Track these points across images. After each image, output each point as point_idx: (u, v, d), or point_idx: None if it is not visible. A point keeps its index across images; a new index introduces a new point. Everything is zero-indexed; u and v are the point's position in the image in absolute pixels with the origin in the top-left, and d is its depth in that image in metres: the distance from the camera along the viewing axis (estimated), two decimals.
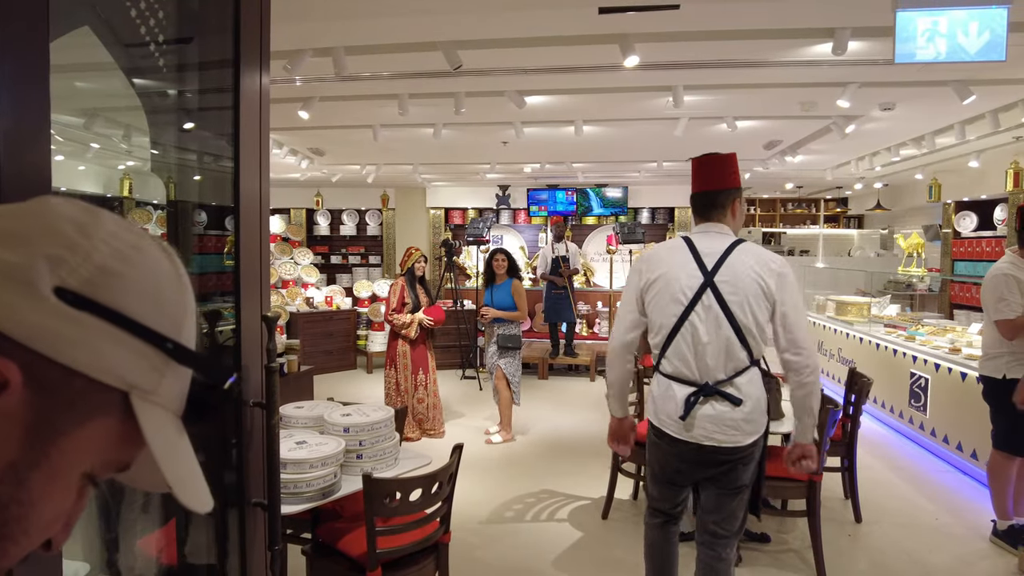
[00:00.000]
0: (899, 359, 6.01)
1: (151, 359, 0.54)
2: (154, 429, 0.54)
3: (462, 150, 7.68)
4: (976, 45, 2.71)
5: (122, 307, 0.52)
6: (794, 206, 13.38)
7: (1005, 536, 3.80)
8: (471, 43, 3.77)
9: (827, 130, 6.12)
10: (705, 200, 2.54)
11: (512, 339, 5.63)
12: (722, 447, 2.37)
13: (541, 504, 4.41)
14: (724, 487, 2.47)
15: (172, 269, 0.57)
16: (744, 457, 2.41)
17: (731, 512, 2.50)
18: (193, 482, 0.56)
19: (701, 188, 2.55)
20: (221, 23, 1.54)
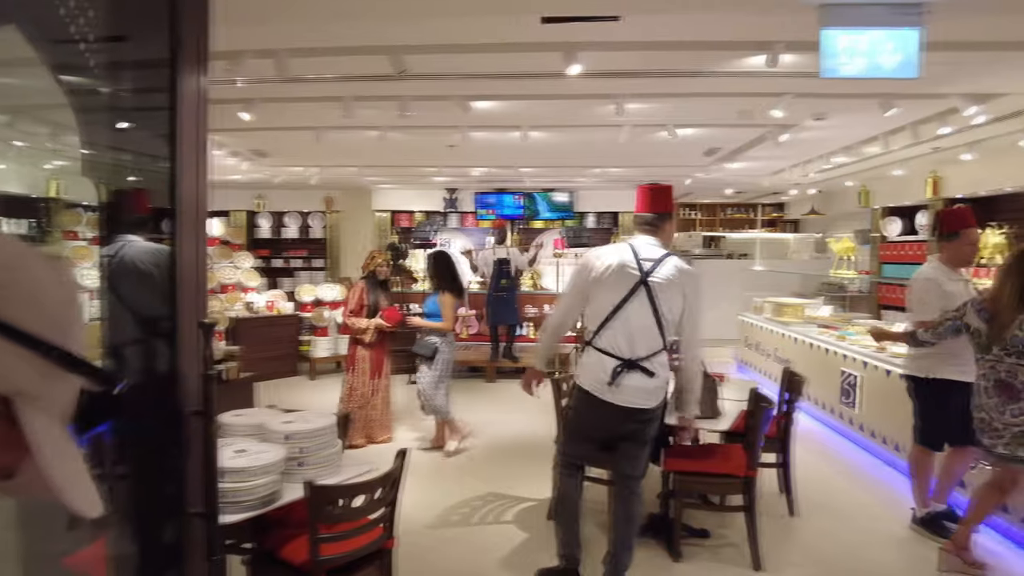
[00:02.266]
0: (831, 358, 6.29)
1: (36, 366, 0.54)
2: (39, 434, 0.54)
3: (409, 153, 7.65)
4: (892, 63, 2.89)
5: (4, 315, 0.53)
6: (733, 211, 13.82)
7: (924, 524, 4.03)
8: (417, 48, 3.77)
9: (763, 138, 6.36)
10: (646, 219, 3.24)
11: (424, 347, 5.40)
12: (640, 408, 3.07)
13: (487, 507, 4.43)
14: (638, 440, 3.16)
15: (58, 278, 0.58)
16: (653, 417, 3.15)
17: (641, 459, 3.23)
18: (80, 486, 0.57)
19: (644, 210, 3.26)
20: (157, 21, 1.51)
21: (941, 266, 4.07)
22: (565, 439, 3.46)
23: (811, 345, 6.79)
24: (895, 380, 4.85)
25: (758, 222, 12.35)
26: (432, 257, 5.75)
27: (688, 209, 13.88)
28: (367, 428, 5.65)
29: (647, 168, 8.68)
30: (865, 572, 3.59)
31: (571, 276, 3.37)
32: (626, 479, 3.24)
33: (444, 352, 5.41)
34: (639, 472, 3.26)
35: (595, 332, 3.11)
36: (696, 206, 13.80)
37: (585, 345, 3.19)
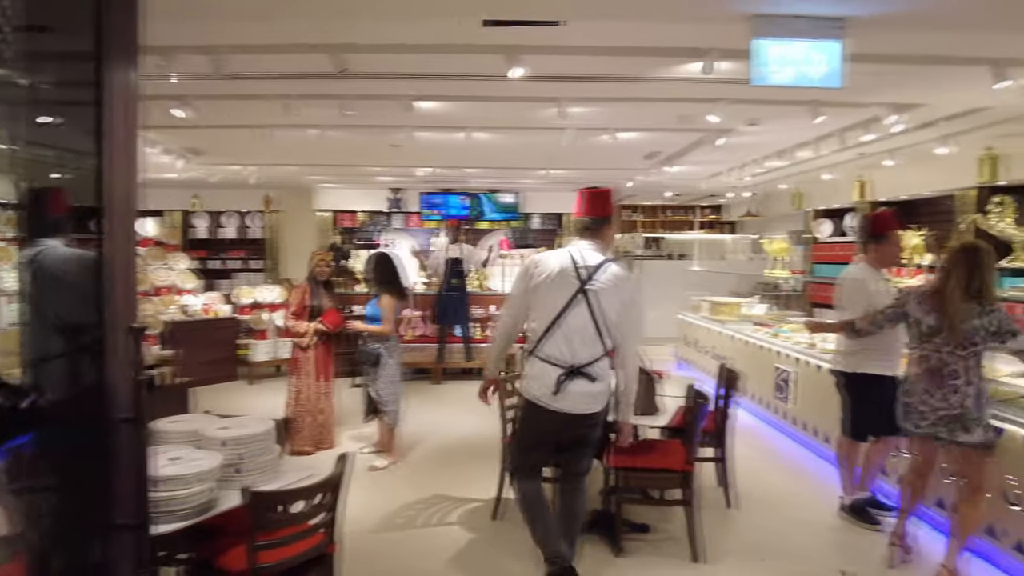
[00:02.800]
0: (766, 354, 6.53)
1: None
2: None
3: (352, 152, 7.55)
4: (818, 73, 3.05)
5: None
6: (673, 213, 14.17)
7: (851, 511, 4.23)
8: (358, 47, 3.73)
9: (701, 142, 6.55)
10: (586, 224, 3.25)
11: (367, 354, 5.24)
12: (586, 413, 3.12)
13: (432, 509, 4.42)
14: (585, 443, 3.25)
15: None
16: (599, 420, 3.24)
17: (588, 457, 3.34)
18: None
19: (583, 214, 3.26)
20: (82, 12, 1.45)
21: (867, 267, 4.28)
22: (516, 451, 3.46)
23: (747, 342, 7.03)
24: (826, 375, 5.07)
25: (697, 223, 12.70)
26: (371, 259, 5.63)
27: (630, 211, 14.15)
28: (315, 433, 5.53)
29: (590, 171, 8.82)
30: (797, 559, 3.74)
31: (514, 282, 3.34)
32: (572, 476, 3.33)
33: (389, 357, 5.28)
34: (584, 469, 3.35)
35: (537, 341, 3.11)
36: (638, 208, 14.08)
37: (528, 355, 3.19)
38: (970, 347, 3.26)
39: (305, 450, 5.42)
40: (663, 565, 3.64)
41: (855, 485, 4.29)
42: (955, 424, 3.29)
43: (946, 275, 3.35)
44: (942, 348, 3.34)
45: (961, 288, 3.25)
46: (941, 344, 3.35)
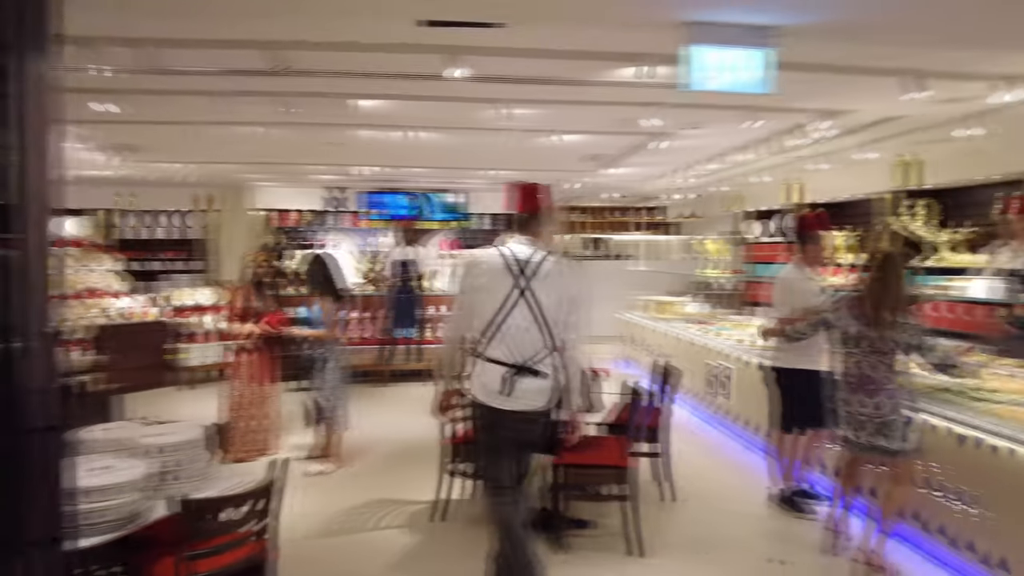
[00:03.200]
0: (704, 351, 6.71)
1: None
2: None
3: (291, 150, 7.39)
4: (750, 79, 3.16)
5: None
6: (618, 214, 14.40)
7: (783, 501, 4.40)
8: (296, 44, 3.66)
9: (643, 145, 6.69)
10: (523, 218, 3.18)
11: (309, 359, 5.16)
12: (536, 410, 3.04)
13: (375, 513, 4.37)
14: (533, 444, 3.17)
15: None
16: (549, 416, 3.15)
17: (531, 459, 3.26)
18: None
19: (520, 209, 3.20)
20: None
21: (800, 267, 4.46)
22: (485, 464, 3.25)
23: (687, 340, 7.21)
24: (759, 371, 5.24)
25: (640, 224, 12.94)
26: (309, 260, 5.52)
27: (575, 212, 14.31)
28: (257, 439, 5.38)
29: (535, 172, 8.86)
30: (732, 549, 3.86)
31: (457, 290, 3.23)
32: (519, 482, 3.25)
33: (332, 361, 5.16)
34: (527, 470, 3.29)
35: (482, 342, 3.03)
36: (583, 209, 14.25)
37: (474, 357, 3.09)
38: (891, 355, 3.41)
39: (246, 456, 5.27)
40: (604, 560, 3.70)
41: (789, 476, 4.46)
42: (876, 429, 3.43)
43: (870, 284, 3.47)
44: (868, 354, 3.46)
45: (884, 298, 3.38)
46: (867, 350, 3.47)
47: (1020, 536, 3.14)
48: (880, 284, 3.42)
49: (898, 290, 3.39)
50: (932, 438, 3.63)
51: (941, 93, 4.45)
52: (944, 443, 3.57)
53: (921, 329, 3.40)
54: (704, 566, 3.65)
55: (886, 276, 3.42)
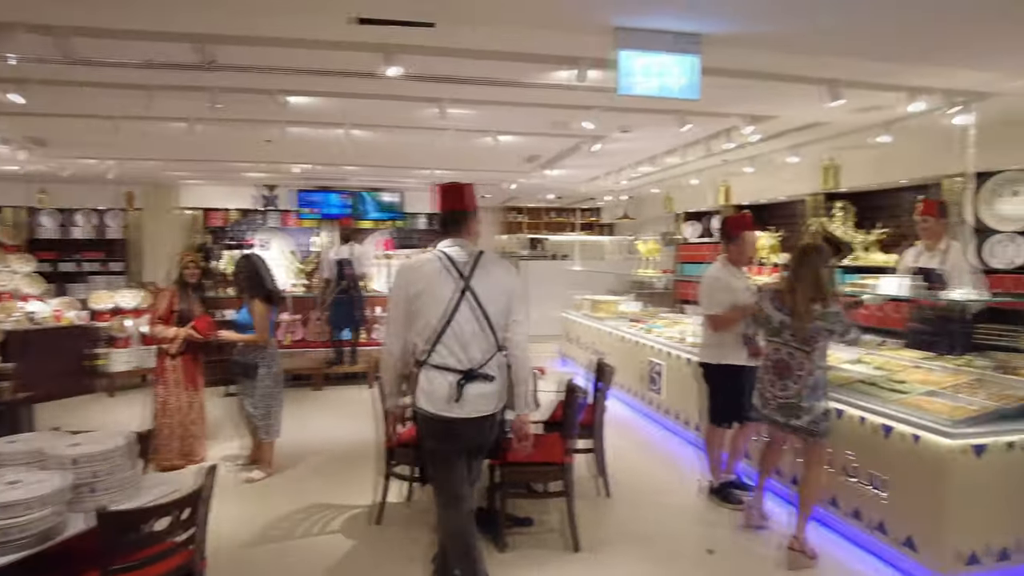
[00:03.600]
0: (640, 349, 6.87)
1: None
2: None
3: (221, 147, 7.15)
4: (678, 85, 3.26)
5: None
6: (555, 214, 14.58)
7: (717, 493, 4.56)
8: (225, 38, 3.54)
9: (578, 148, 6.79)
10: (451, 219, 3.08)
11: (241, 365, 4.90)
12: (486, 415, 2.98)
13: (312, 518, 4.29)
14: (484, 449, 3.13)
15: None
16: (497, 420, 3.09)
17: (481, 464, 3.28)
18: None
19: (448, 208, 3.10)
20: None
21: (727, 265, 4.62)
22: (435, 477, 3.10)
23: (622, 338, 7.37)
24: (692, 367, 5.42)
25: (577, 225, 13.14)
26: (238, 261, 5.27)
27: (514, 212, 14.40)
28: (184, 446, 5.18)
29: (474, 171, 8.88)
30: (670, 540, 3.97)
31: (391, 301, 3.03)
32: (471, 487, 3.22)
33: (265, 367, 4.96)
34: (477, 476, 3.30)
35: (427, 351, 2.91)
36: (522, 209, 14.36)
37: (419, 366, 2.95)
38: (813, 343, 3.60)
39: (174, 464, 5.07)
40: (545, 557, 3.75)
41: (720, 469, 4.62)
42: (789, 410, 3.66)
43: (792, 276, 3.67)
44: (789, 343, 3.68)
45: (805, 289, 3.57)
46: (788, 339, 3.68)
47: (922, 516, 3.37)
48: (799, 276, 3.60)
49: (816, 281, 3.56)
50: (848, 427, 3.85)
51: (857, 102, 4.72)
52: (858, 431, 3.79)
53: (839, 318, 3.57)
54: (639, 559, 3.75)
55: (804, 268, 3.59)
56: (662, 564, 3.69)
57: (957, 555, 3.25)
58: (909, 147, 6.11)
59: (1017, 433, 3.34)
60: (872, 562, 3.65)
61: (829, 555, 3.73)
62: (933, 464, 3.32)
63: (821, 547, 3.76)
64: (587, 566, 3.66)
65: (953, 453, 3.24)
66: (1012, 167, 5.32)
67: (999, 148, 5.24)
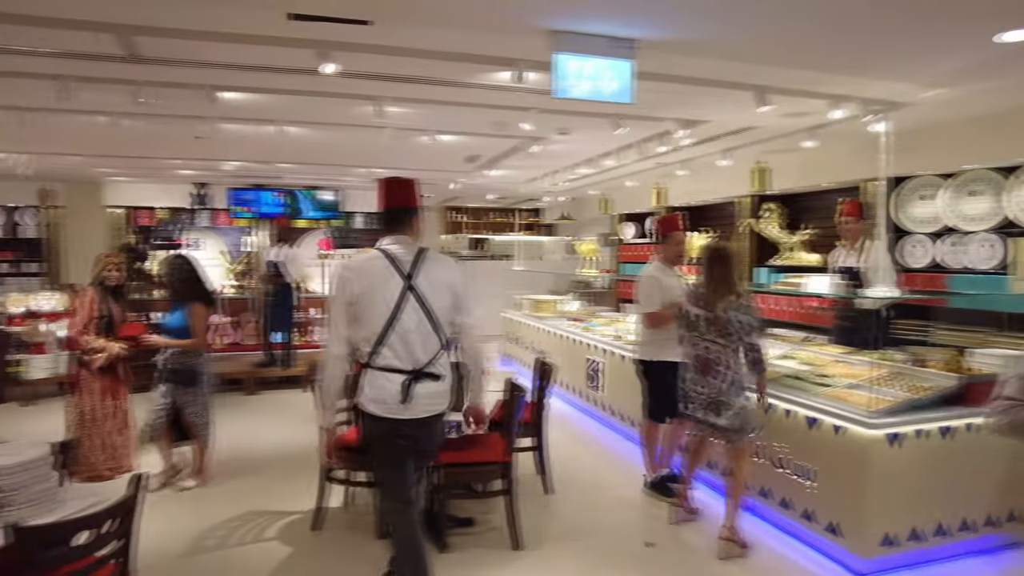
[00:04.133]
0: (580, 347, 6.97)
1: None
2: None
3: (148, 143, 6.84)
4: (612, 88, 3.33)
5: None
6: (496, 215, 14.62)
7: (655, 487, 4.68)
8: (151, 30, 3.40)
9: (517, 149, 6.83)
10: (393, 216, 3.00)
11: (183, 374, 4.68)
12: (435, 415, 2.97)
13: (247, 526, 4.17)
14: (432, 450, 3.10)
15: None
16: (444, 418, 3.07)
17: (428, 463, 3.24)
18: None
19: (390, 205, 3.01)
20: None
21: (660, 265, 4.74)
22: (382, 480, 3.08)
23: (563, 337, 7.46)
24: (630, 364, 5.54)
25: (518, 225, 13.21)
26: (170, 262, 4.99)
27: (455, 212, 14.36)
28: (109, 457, 4.91)
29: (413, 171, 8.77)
30: (610, 535, 4.05)
31: (331, 302, 2.93)
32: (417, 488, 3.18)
33: (205, 373, 4.81)
34: (424, 472, 3.25)
35: (372, 352, 2.85)
36: (463, 209, 14.34)
37: (364, 368, 2.90)
38: (728, 336, 3.77)
39: (101, 475, 4.81)
40: (487, 556, 3.76)
41: (657, 463, 4.74)
42: (711, 407, 3.83)
43: (706, 274, 3.88)
44: (707, 337, 3.84)
45: (709, 283, 3.81)
46: (707, 333, 3.85)
47: (845, 502, 3.55)
48: (711, 273, 3.83)
49: (726, 277, 3.78)
50: (777, 420, 4.02)
51: (785, 108, 4.92)
52: (786, 424, 3.96)
53: (752, 312, 3.76)
54: (581, 554, 3.80)
55: (714, 266, 3.83)
56: (602, 558, 3.76)
57: (876, 538, 3.44)
58: (833, 152, 6.42)
59: (928, 422, 3.56)
60: (802, 549, 3.82)
61: (761, 544, 3.88)
62: (854, 453, 3.50)
63: (754, 536, 3.91)
64: (528, 564, 3.69)
65: (871, 442, 3.42)
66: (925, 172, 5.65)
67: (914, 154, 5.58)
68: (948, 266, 5.53)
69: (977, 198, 5.26)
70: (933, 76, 4.08)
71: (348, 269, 2.92)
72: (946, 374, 3.87)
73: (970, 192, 5.31)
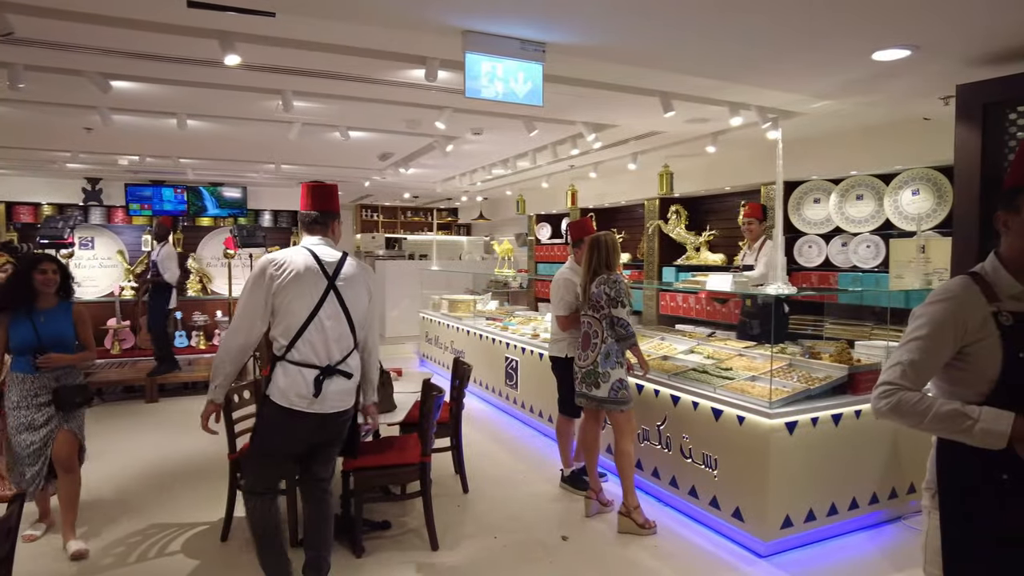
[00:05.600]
0: (497, 346, 7.01)
1: None
2: None
3: (31, 134, 6.33)
4: (523, 90, 3.37)
5: None
6: (412, 214, 14.47)
7: (570, 481, 4.77)
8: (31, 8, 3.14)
9: (432, 147, 6.78)
10: (315, 218, 3.14)
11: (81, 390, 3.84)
12: (343, 411, 3.07)
13: (150, 541, 3.93)
14: (335, 443, 3.20)
15: None
16: (350, 416, 3.18)
17: (334, 460, 3.28)
18: None
19: (312, 208, 3.15)
20: None
21: (575, 266, 4.84)
22: (256, 466, 3.11)
23: (480, 336, 7.48)
24: (546, 362, 5.62)
25: (434, 225, 13.14)
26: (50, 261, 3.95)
27: (370, 211, 14.10)
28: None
29: (325, 167, 8.58)
30: (526, 531, 4.09)
31: (248, 291, 2.95)
32: (319, 482, 3.22)
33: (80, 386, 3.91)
34: (330, 474, 3.26)
35: (288, 346, 2.92)
36: (377, 208, 14.10)
37: (276, 360, 2.96)
38: (600, 310, 4.14)
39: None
40: (404, 559, 3.71)
41: (572, 457, 4.84)
42: (589, 379, 4.14)
43: (586, 257, 4.33)
44: (586, 313, 4.25)
45: (589, 264, 4.28)
46: (585, 309, 4.28)
47: (747, 489, 3.75)
48: (589, 256, 4.30)
49: (603, 259, 4.25)
50: (684, 412, 4.20)
51: (687, 114, 5.13)
52: (692, 415, 4.14)
53: (618, 286, 4.10)
54: (498, 551, 3.83)
55: (593, 251, 4.29)
56: (519, 554, 3.79)
57: (776, 521, 3.66)
58: (735, 157, 6.76)
59: (821, 410, 3.81)
60: (709, 535, 4.00)
61: (670, 531, 4.04)
62: (756, 442, 3.71)
63: (664, 524, 4.07)
64: (446, 564, 3.67)
65: (771, 431, 3.63)
66: (814, 177, 6.06)
67: (807, 160, 5.96)
68: (838, 265, 5.95)
69: (862, 202, 5.69)
70: (821, 88, 4.36)
71: (273, 263, 2.97)
72: (837, 365, 4.16)
73: (857, 196, 5.74)
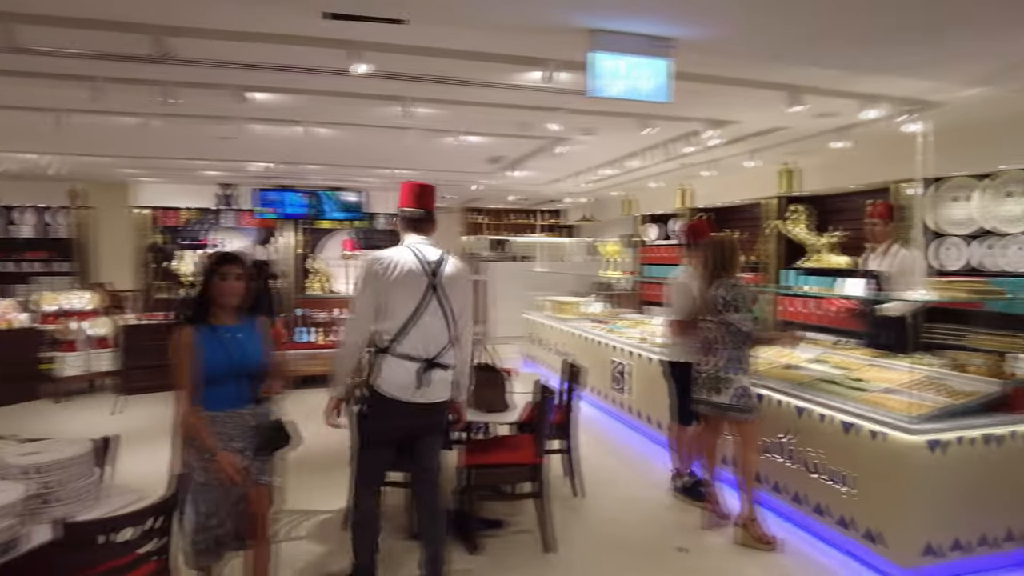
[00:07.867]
0: (604, 349, 6.93)
1: None
2: None
3: (175, 144, 6.92)
4: (648, 87, 3.30)
5: None
6: (517, 216, 14.61)
7: (684, 491, 4.62)
8: (182, 30, 3.42)
9: (542, 149, 6.80)
10: (418, 216, 3.26)
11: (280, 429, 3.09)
12: (442, 401, 3.22)
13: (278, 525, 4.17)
14: (437, 431, 3.32)
15: None
16: (448, 407, 3.30)
17: (439, 449, 3.36)
18: None
19: (414, 206, 3.27)
20: None
21: (692, 271, 4.69)
22: (363, 452, 3.28)
23: (586, 338, 7.41)
24: (656, 366, 5.48)
25: (538, 227, 13.18)
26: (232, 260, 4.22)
27: (476, 213, 14.37)
28: None
29: (436, 172, 8.82)
30: (642, 540, 4.00)
31: (359, 289, 3.15)
32: (427, 472, 3.30)
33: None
34: (438, 464, 3.34)
35: (392, 340, 3.09)
36: (483, 211, 14.34)
37: (381, 353, 3.12)
38: (718, 315, 3.94)
39: None
40: (518, 558, 3.73)
41: (687, 467, 4.68)
42: (710, 384, 3.96)
43: (707, 259, 4.12)
44: (705, 318, 4.04)
45: (708, 267, 4.09)
46: (704, 314, 4.06)
47: (884, 509, 3.48)
48: (708, 259, 4.12)
49: (724, 263, 4.05)
50: (809, 424, 3.96)
51: (816, 108, 4.85)
52: (819, 428, 3.89)
53: (738, 290, 3.92)
54: (612, 559, 3.77)
55: (709, 253, 4.12)
56: (635, 563, 3.72)
57: (918, 547, 3.36)
58: (862, 153, 6.32)
59: (970, 429, 3.47)
60: (837, 555, 3.75)
61: (795, 548, 3.82)
62: (894, 459, 3.43)
63: (787, 541, 3.85)
64: (560, 566, 3.66)
65: (912, 448, 3.35)
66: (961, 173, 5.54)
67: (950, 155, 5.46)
68: (985, 268, 5.41)
69: (1012, 199, 5.14)
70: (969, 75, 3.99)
71: (379, 262, 3.11)
72: (987, 379, 3.78)
73: (1007, 193, 5.20)
